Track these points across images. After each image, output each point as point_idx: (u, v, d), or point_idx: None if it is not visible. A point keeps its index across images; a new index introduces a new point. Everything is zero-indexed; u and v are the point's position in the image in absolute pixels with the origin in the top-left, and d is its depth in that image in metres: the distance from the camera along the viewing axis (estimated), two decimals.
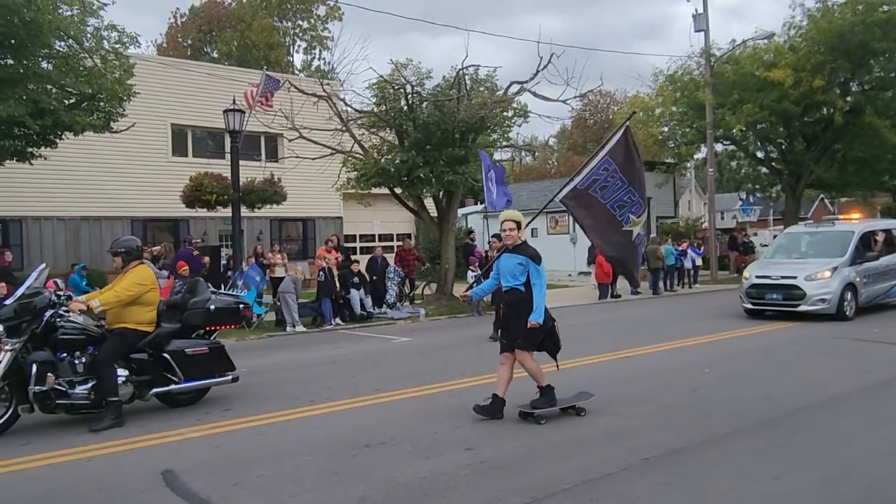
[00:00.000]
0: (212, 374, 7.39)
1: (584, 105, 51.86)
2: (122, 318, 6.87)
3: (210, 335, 7.62)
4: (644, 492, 4.61)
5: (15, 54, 12.01)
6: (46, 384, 6.35)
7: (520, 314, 6.32)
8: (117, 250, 7.09)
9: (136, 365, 6.97)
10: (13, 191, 17.97)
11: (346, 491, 4.73)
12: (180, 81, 22.00)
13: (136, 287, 6.84)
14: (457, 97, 16.80)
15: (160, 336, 7.10)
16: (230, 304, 7.73)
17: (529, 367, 6.44)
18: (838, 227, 14.91)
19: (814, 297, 13.09)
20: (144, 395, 7.02)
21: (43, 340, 6.56)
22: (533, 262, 6.33)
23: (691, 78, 25.42)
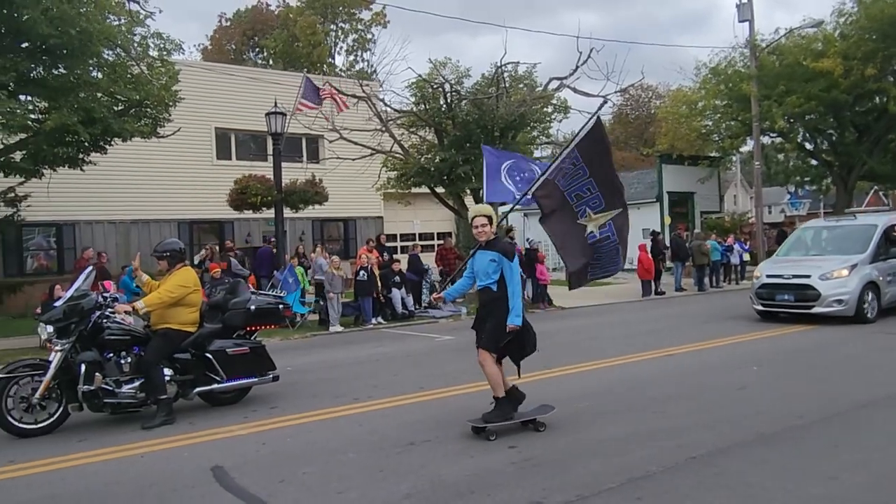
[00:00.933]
0: (253, 374, 7.50)
1: (625, 100, 51.14)
2: (166, 319, 7.05)
3: (251, 335, 7.75)
4: (691, 491, 4.54)
5: (67, 64, 12.41)
6: (94, 383, 6.56)
7: (490, 314, 5.95)
8: (163, 253, 7.27)
9: (179, 365, 7.13)
10: (66, 196, 18.55)
11: (392, 488, 4.77)
12: (223, 86, 22.43)
13: (180, 289, 7.01)
14: (496, 95, 16.77)
15: (202, 336, 7.25)
16: (270, 305, 7.82)
17: (489, 372, 5.91)
18: (860, 221, 13.92)
19: (829, 298, 12.03)
20: (188, 394, 7.18)
21: (90, 341, 6.76)
22: (506, 257, 5.87)
23: (735, 70, 24.85)
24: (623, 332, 12.41)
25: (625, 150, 52.43)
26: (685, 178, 28.42)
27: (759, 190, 25.28)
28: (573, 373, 8.82)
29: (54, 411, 6.61)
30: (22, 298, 18.22)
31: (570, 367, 9.14)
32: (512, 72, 18.16)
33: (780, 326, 12.15)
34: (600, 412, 6.71)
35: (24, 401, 6.47)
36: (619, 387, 7.88)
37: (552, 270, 24.11)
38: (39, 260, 20.50)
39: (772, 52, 24.12)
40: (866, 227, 13.30)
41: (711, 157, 29.07)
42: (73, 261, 20.25)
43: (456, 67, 18.12)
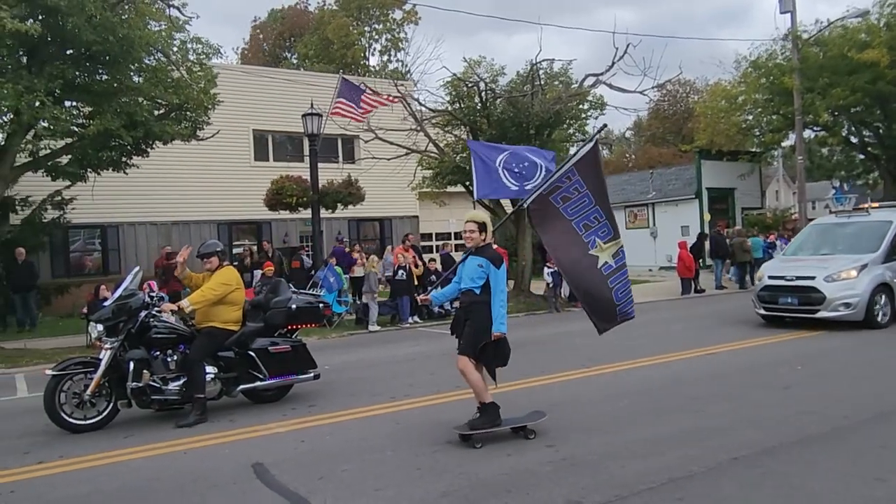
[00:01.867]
0: (294, 372, 7.59)
1: (662, 95, 50.35)
2: (210, 318, 7.16)
3: (292, 334, 7.83)
4: (734, 492, 4.45)
5: (109, 70, 12.71)
6: (142, 381, 6.72)
7: (470, 317, 5.80)
8: (213, 251, 7.36)
9: (223, 362, 7.25)
10: (110, 199, 19.01)
11: (429, 486, 4.78)
12: (260, 88, 22.73)
13: (222, 287, 7.11)
14: (531, 92, 16.69)
15: (245, 335, 7.36)
16: (311, 304, 7.90)
17: (471, 379, 5.75)
18: (874, 217, 12.64)
19: (835, 302, 11.08)
20: (231, 391, 7.29)
21: (138, 339, 6.92)
22: (493, 264, 5.76)
23: (777, 63, 24.28)
24: (661, 331, 12.23)
25: (662, 146, 51.69)
26: (725, 174, 27.88)
27: (803, 185, 24.66)
28: (611, 371, 8.73)
29: (104, 408, 6.79)
30: (69, 299, 18.75)
31: (608, 365, 9.05)
32: (547, 69, 18.06)
33: (818, 327, 11.73)
34: (639, 411, 6.62)
35: (76, 397, 6.65)
36: (658, 386, 7.76)
37: None
38: (85, 261, 21.06)
39: (814, 43, 23.50)
40: (880, 223, 12.22)
41: (752, 153, 28.48)
42: (117, 261, 20.81)
43: (491, 66, 18.10)
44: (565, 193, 6.23)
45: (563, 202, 6.23)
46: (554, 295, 16.59)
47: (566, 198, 6.23)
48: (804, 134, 24.91)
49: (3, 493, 5.04)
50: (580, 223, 6.28)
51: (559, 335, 12.55)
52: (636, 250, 28.33)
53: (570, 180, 6.23)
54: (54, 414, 6.54)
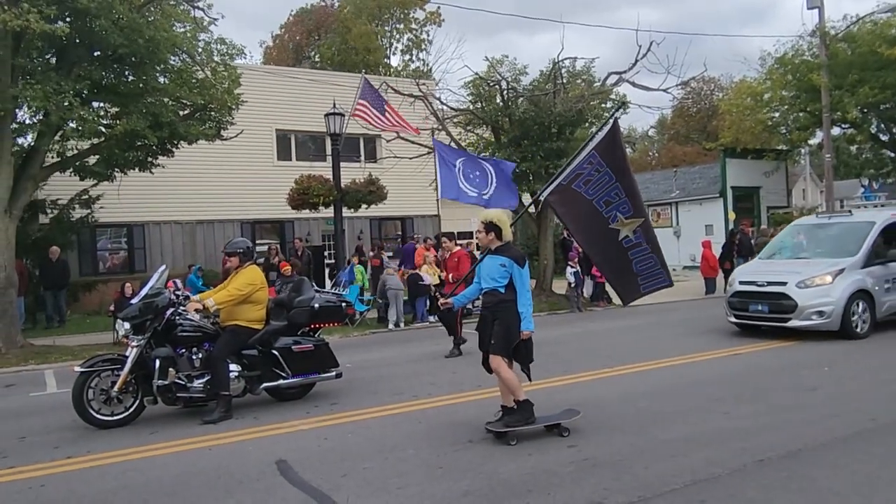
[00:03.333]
0: (317, 370, 7.65)
1: (686, 93, 49.87)
2: (234, 316, 7.23)
3: (314, 333, 7.89)
4: (758, 494, 4.40)
5: (136, 71, 12.89)
6: (168, 378, 6.82)
7: (496, 316, 5.81)
8: (235, 251, 7.43)
9: (247, 361, 7.31)
10: (136, 198, 19.28)
11: (451, 485, 4.79)
12: (283, 88, 22.89)
13: (248, 286, 7.17)
14: (553, 91, 16.62)
15: (269, 333, 7.42)
16: (334, 303, 7.94)
17: (505, 376, 5.78)
18: (856, 218, 11.88)
19: (808, 310, 10.18)
20: (255, 389, 7.35)
21: (164, 337, 7.01)
22: (517, 264, 5.77)
23: (803, 59, 23.91)
24: (685, 331, 12.13)
25: (686, 144, 51.20)
26: (750, 173, 27.53)
27: (830, 183, 24.28)
28: (633, 372, 8.68)
29: (130, 404, 6.90)
30: (96, 297, 19.07)
31: (630, 366, 9.00)
32: (570, 67, 17.98)
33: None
34: (662, 412, 6.58)
35: (103, 393, 6.77)
36: (681, 387, 7.71)
37: None
38: (112, 259, 21.39)
39: (843, 39, 23.11)
40: (862, 224, 11.36)
41: (778, 150, 28.09)
42: (143, 260, 21.10)
43: (513, 65, 18.06)
44: (588, 177, 6.36)
45: (586, 185, 6.39)
46: (576, 294, 16.52)
47: (588, 181, 6.38)
48: (832, 131, 24.52)
49: (35, 487, 5.14)
50: (601, 200, 6.44)
51: (581, 335, 12.51)
52: None
53: (592, 164, 6.35)
54: (82, 410, 6.66)
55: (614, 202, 6.44)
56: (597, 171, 6.34)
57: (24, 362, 11.31)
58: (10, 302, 12.38)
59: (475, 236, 6.03)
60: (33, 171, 12.91)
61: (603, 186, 6.39)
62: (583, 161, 6.38)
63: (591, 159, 6.35)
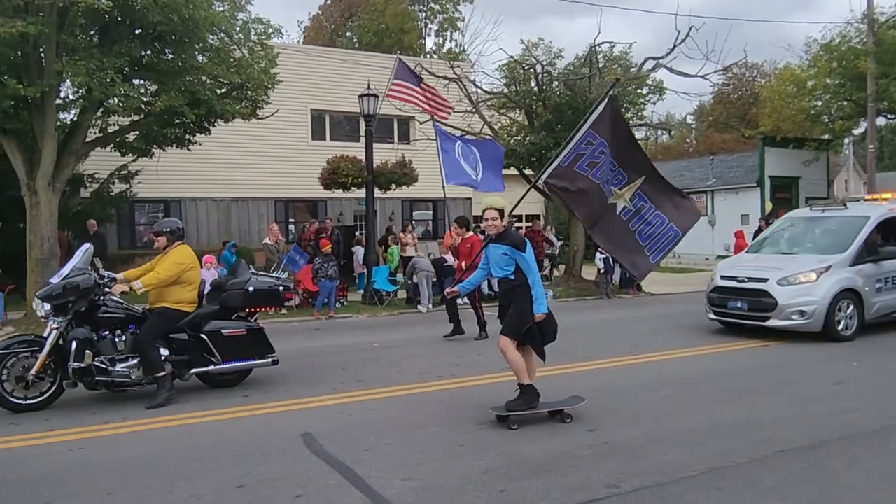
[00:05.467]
0: (250, 356, 7.32)
1: (727, 79, 48.75)
2: (163, 298, 6.92)
3: (252, 317, 7.56)
4: (775, 484, 4.42)
5: (174, 49, 13.11)
6: (85, 361, 6.49)
7: (511, 302, 5.87)
8: (161, 230, 7.11)
9: (175, 345, 6.99)
10: (173, 175, 19.68)
11: (471, 463, 4.89)
12: (319, 68, 23.03)
13: (176, 267, 6.87)
14: (588, 76, 16.47)
15: (199, 316, 7.08)
16: (270, 287, 7.55)
17: (511, 359, 5.80)
18: (850, 212, 11.13)
19: (788, 309, 9.59)
20: (184, 374, 7.02)
21: (86, 319, 6.68)
22: (517, 250, 5.78)
23: (850, 46, 23.25)
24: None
25: (725, 131, 50.18)
26: (790, 162, 26.94)
27: (873, 174, 23.68)
28: (656, 360, 8.68)
29: (47, 388, 6.60)
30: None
31: (654, 354, 8.99)
32: (606, 52, 17.78)
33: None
34: (683, 401, 6.60)
35: (20, 376, 6.47)
36: (704, 376, 7.69)
37: None
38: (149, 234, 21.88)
39: (892, 26, 22.41)
40: (855, 219, 10.70)
41: (820, 140, 27.43)
42: None
43: (548, 48, 17.96)
44: (591, 159, 6.33)
45: (591, 168, 6.36)
46: (605, 281, 16.46)
47: (593, 163, 6.34)
48: (877, 121, 23.87)
49: (74, 449, 5.39)
50: (604, 182, 6.48)
51: (608, 322, 12.49)
52: (693, 238, 27.47)
53: (593, 144, 6.31)
54: None
55: (609, 177, 6.49)
56: (601, 153, 6.33)
57: None
58: (52, 272, 12.75)
59: (491, 224, 5.91)
60: (76, 147, 13.26)
61: (604, 166, 6.40)
62: (580, 140, 6.34)
63: (591, 139, 6.31)
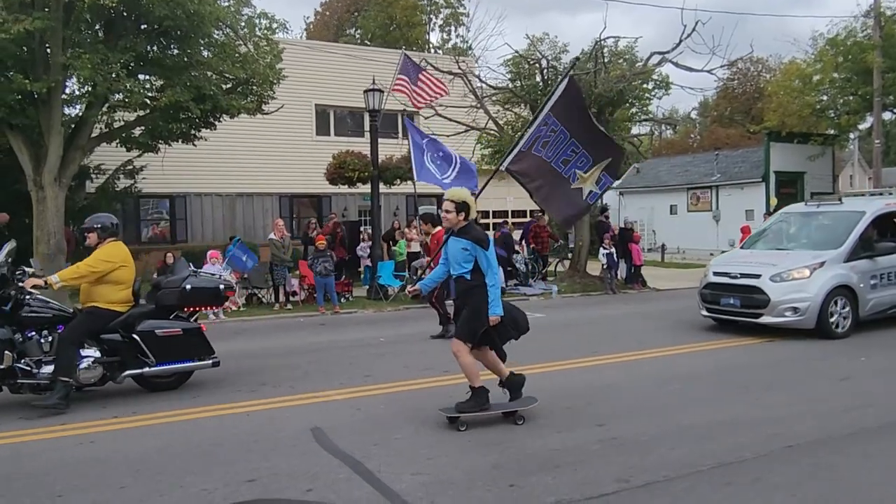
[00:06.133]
0: (187, 358, 6.98)
1: (732, 74, 48.60)
2: (93, 297, 6.64)
3: (192, 317, 7.26)
4: (783, 480, 4.42)
5: (180, 44, 13.12)
6: (4, 362, 6.15)
7: (465, 304, 5.63)
8: (92, 226, 6.77)
9: (107, 346, 6.67)
10: (178, 170, 19.71)
11: (479, 458, 4.91)
12: (323, 63, 23.02)
13: (101, 264, 6.53)
14: (594, 70, 16.43)
15: (133, 316, 6.76)
16: (209, 285, 7.27)
17: (464, 362, 5.60)
18: (845, 207, 10.95)
19: (781, 305, 9.46)
20: (117, 376, 6.71)
21: (9, 319, 6.34)
22: (479, 246, 5.49)
23: (856, 41, 23.16)
24: None
25: (729, 126, 50.05)
26: (795, 157, 26.86)
27: (879, 170, 23.64)
28: (664, 355, 8.67)
29: None
30: (139, 265, 19.36)
31: (661, 349, 8.99)
32: (612, 47, 17.73)
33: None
34: (691, 396, 6.60)
35: None
36: (712, 372, 7.69)
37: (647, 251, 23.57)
38: (154, 230, 21.94)
39: None
40: (850, 214, 10.54)
41: (825, 135, 27.33)
42: (184, 231, 21.60)
43: (553, 43, 17.91)
44: (545, 139, 6.31)
45: (545, 147, 6.34)
46: (610, 276, 16.45)
47: (545, 142, 6.33)
48: (883, 116, 23.79)
49: (84, 444, 5.42)
50: (559, 161, 6.38)
51: (613, 317, 12.49)
52: (697, 234, 27.74)
53: (548, 125, 6.30)
54: None
55: (572, 159, 6.40)
56: (552, 131, 6.28)
57: None
58: (59, 267, 12.81)
59: (444, 216, 5.73)
60: (82, 142, 13.29)
61: (559, 145, 6.32)
62: (539, 124, 6.32)
63: (547, 120, 6.29)
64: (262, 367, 8.21)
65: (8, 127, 12.53)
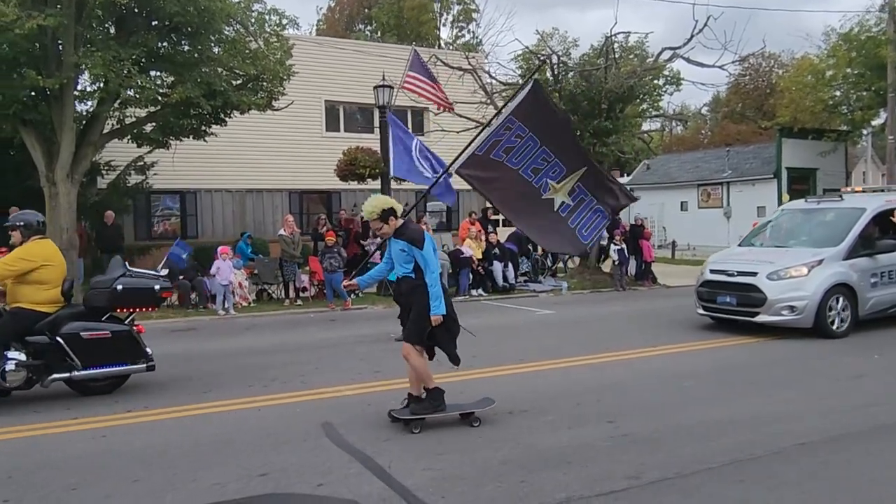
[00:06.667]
0: (118, 361, 6.68)
1: (744, 69, 48.26)
2: (17, 297, 6.43)
3: (128, 318, 6.95)
4: (795, 476, 4.41)
5: (191, 41, 13.17)
6: None
7: (410, 304, 5.52)
8: (15, 224, 6.56)
9: (33, 348, 6.43)
10: (189, 166, 19.77)
11: (489, 454, 4.91)
12: (333, 59, 23.00)
13: (19, 262, 6.30)
14: (604, 66, 16.36)
15: (60, 318, 6.51)
16: (142, 285, 6.90)
17: (414, 364, 5.53)
18: (846, 203, 10.75)
19: (777, 304, 9.31)
20: (44, 380, 6.44)
21: None
22: (414, 246, 5.36)
23: (870, 35, 22.94)
24: None
25: (741, 122, 49.73)
26: (807, 153, 26.67)
27: (893, 166, 23.40)
28: (674, 352, 8.65)
29: None
30: (150, 260, 19.65)
31: (672, 346, 8.97)
32: (622, 42, 17.65)
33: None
34: (703, 393, 6.58)
35: None
36: (725, 368, 7.66)
37: (657, 248, 23.48)
38: (165, 225, 22.04)
39: None
40: (851, 211, 10.35)
41: (838, 131, 27.12)
42: (195, 226, 21.68)
43: (564, 38, 17.84)
44: (507, 144, 5.94)
45: (507, 154, 5.95)
46: (620, 273, 16.41)
47: (509, 149, 5.95)
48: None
49: (97, 437, 5.46)
50: (528, 169, 6.01)
51: (623, 314, 12.45)
52: (708, 230, 27.59)
53: (511, 129, 5.93)
54: None
55: (543, 168, 6.02)
56: (518, 136, 5.91)
57: None
58: (71, 263, 12.89)
59: (380, 234, 5.65)
60: (93, 138, 13.36)
61: (528, 154, 5.96)
62: (499, 128, 5.96)
63: (510, 124, 5.91)
64: (272, 363, 8.25)
65: (21, 123, 12.62)
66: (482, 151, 5.99)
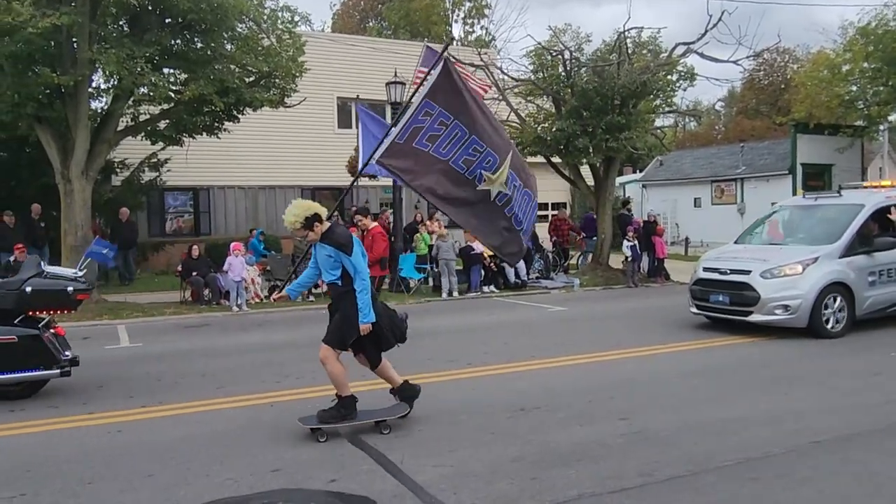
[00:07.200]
0: (25, 367, 6.36)
1: (758, 64, 47.81)
2: None
3: (45, 322, 6.69)
4: (809, 475, 4.38)
5: (203, 38, 13.22)
6: None
7: (337, 310, 5.34)
8: None
9: None
10: (203, 162, 19.88)
11: (501, 450, 4.91)
12: (345, 56, 23.05)
13: None
14: (617, 62, 16.26)
15: None
16: (54, 287, 6.61)
17: (331, 370, 5.31)
18: (844, 200, 10.41)
19: (771, 303, 9.07)
20: None
21: None
22: (342, 251, 5.15)
23: (888, 29, 22.66)
24: None
25: (755, 118, 49.32)
26: (822, 149, 26.39)
27: None
28: (687, 349, 8.61)
29: None
30: (164, 257, 19.85)
31: (685, 343, 8.93)
32: (635, 37, 17.53)
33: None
34: (716, 390, 6.55)
35: None
36: (738, 366, 7.61)
37: (670, 244, 23.35)
38: (178, 222, 22.18)
39: None
40: (849, 207, 10.02)
41: (854, 127, 26.82)
42: (208, 223, 21.80)
43: (576, 34, 17.75)
44: (431, 132, 5.53)
45: (433, 142, 5.55)
46: (632, 269, 16.33)
47: (434, 136, 5.54)
48: None
49: (112, 432, 5.52)
50: (459, 160, 5.63)
51: (636, 310, 12.39)
52: (721, 227, 27.33)
53: (431, 115, 5.51)
54: None
55: (476, 159, 5.65)
56: (442, 124, 5.52)
57: (99, 317, 11.94)
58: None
59: (302, 241, 5.29)
60: (108, 135, 13.45)
61: (458, 142, 5.57)
62: (416, 112, 5.54)
63: (429, 109, 5.50)
64: (285, 359, 8.28)
65: (36, 121, 12.73)
66: (402, 139, 5.56)
